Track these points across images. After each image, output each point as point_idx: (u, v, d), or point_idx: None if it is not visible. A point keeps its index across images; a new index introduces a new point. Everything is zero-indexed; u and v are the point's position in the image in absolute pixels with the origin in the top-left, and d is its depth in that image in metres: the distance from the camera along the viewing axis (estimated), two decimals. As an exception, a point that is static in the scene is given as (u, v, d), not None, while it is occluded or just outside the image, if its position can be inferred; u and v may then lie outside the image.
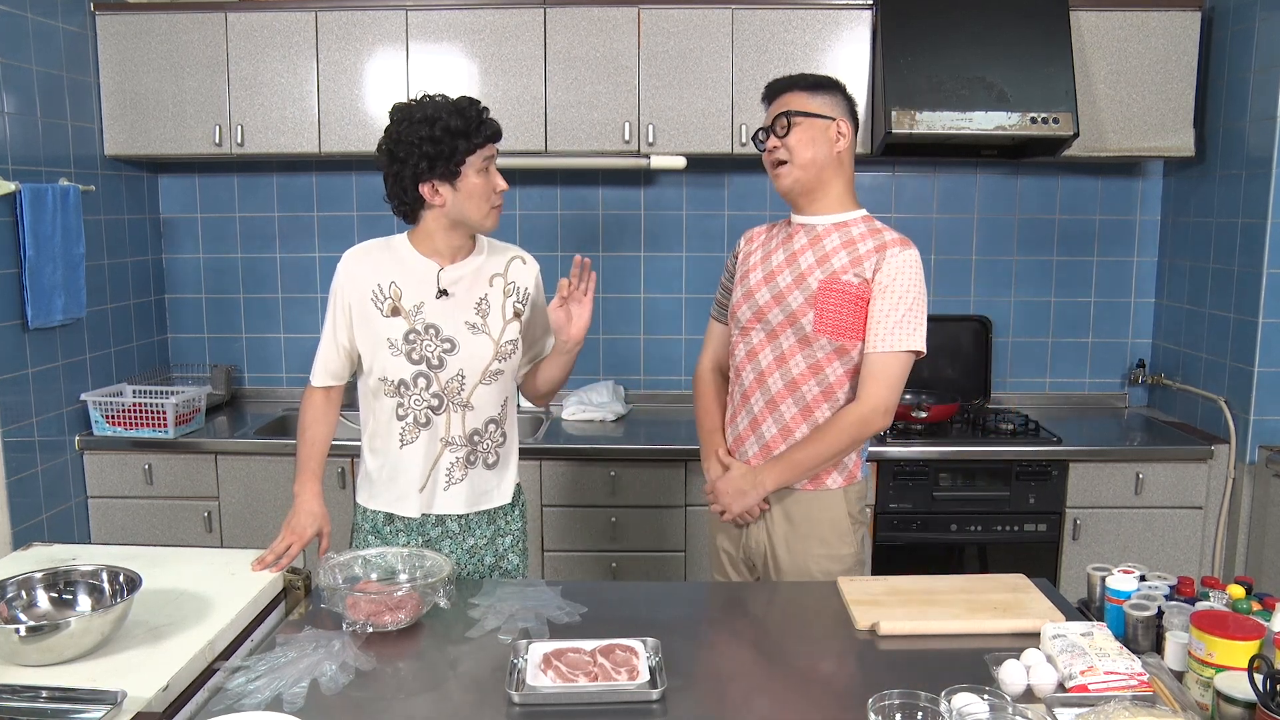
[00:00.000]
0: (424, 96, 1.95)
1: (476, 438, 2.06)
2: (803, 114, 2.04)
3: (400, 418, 2.03)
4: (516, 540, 2.18)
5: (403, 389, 2.01)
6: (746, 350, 2.13)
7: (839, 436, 2.03)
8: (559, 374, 2.12)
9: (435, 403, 2.02)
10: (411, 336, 1.99)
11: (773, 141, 2.07)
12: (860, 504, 2.17)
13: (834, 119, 2.04)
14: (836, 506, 2.12)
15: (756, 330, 2.11)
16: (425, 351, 2.00)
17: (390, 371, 2.00)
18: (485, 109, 1.95)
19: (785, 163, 2.06)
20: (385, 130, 1.95)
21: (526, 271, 2.11)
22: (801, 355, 2.05)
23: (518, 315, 2.08)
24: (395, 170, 1.93)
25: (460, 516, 2.08)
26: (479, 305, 2.03)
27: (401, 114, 1.93)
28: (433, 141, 1.88)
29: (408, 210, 1.99)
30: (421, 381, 2.00)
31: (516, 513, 2.18)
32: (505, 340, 2.05)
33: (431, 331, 1.99)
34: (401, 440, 2.04)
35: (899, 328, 2.00)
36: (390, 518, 2.08)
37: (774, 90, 2.11)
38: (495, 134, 1.97)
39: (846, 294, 2.02)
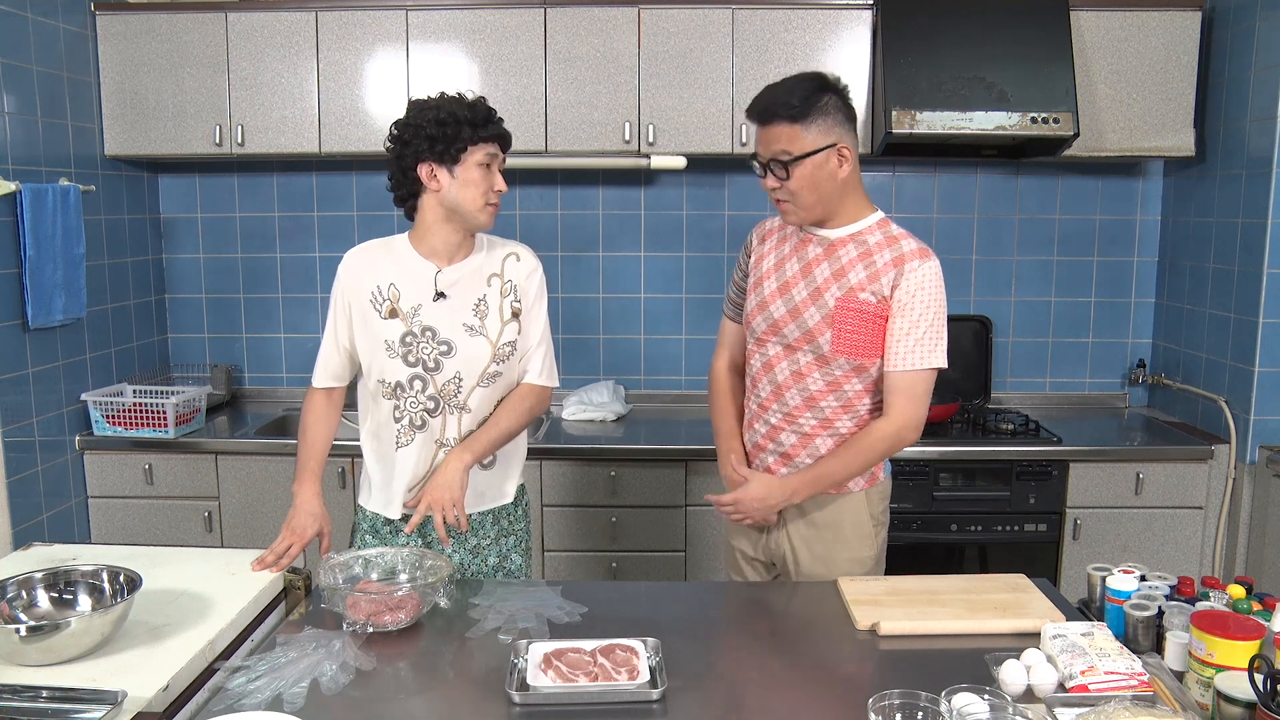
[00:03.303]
0: (441, 94, 1.98)
1: None
2: (801, 157, 1.89)
3: (397, 420, 2.03)
4: (520, 540, 2.18)
5: (399, 391, 2.01)
6: (762, 362, 2.09)
7: (870, 453, 2.00)
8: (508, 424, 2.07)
9: (431, 405, 2.01)
10: (408, 339, 1.99)
11: (772, 181, 1.94)
12: (883, 505, 2.15)
13: (834, 145, 1.90)
14: (859, 509, 2.10)
15: (772, 343, 2.06)
16: (421, 354, 1.99)
17: (387, 374, 2.00)
18: (500, 117, 1.98)
19: (789, 201, 1.96)
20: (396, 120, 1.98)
21: (521, 268, 2.08)
22: (819, 373, 2.01)
23: (516, 315, 2.06)
24: (398, 151, 1.95)
25: None
26: (477, 307, 2.02)
27: (415, 104, 1.97)
28: (439, 124, 1.90)
29: (407, 196, 1.99)
30: (417, 384, 2.00)
31: (520, 512, 2.18)
32: (503, 342, 2.03)
33: (428, 334, 1.99)
34: (397, 443, 2.03)
35: (920, 345, 1.94)
36: (390, 518, 2.08)
37: (760, 115, 1.93)
38: (503, 136, 1.98)
39: (865, 313, 1.95)
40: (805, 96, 1.89)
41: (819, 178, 1.92)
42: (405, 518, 2.04)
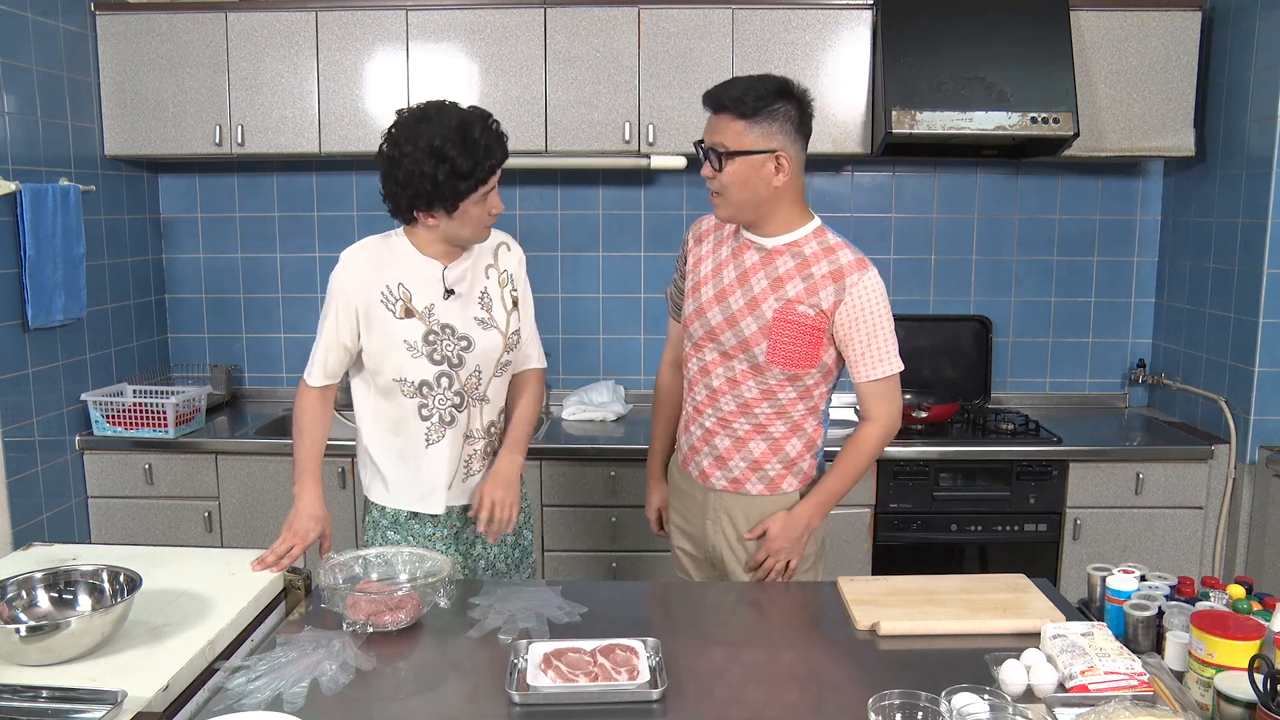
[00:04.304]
0: (427, 104, 1.93)
1: (493, 429, 2.11)
2: (737, 153, 1.91)
3: (425, 418, 2.03)
4: (527, 517, 2.25)
5: (425, 390, 2.02)
6: (699, 366, 2.11)
7: (867, 458, 2.09)
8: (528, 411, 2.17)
9: (457, 400, 2.04)
10: (431, 338, 2.00)
11: (707, 170, 1.96)
12: None
13: (773, 151, 1.91)
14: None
15: (709, 349, 2.08)
16: (446, 351, 2.01)
17: (409, 373, 2.00)
18: (493, 130, 1.92)
19: (720, 194, 1.97)
20: (387, 136, 1.93)
21: (513, 257, 2.13)
22: (754, 381, 2.03)
23: (515, 303, 2.11)
24: (393, 190, 1.94)
25: None
26: (482, 300, 2.06)
27: (406, 132, 1.90)
28: (434, 182, 1.88)
29: (402, 221, 2.04)
30: (444, 381, 2.02)
31: (523, 489, 2.22)
32: (511, 331, 2.09)
33: (448, 331, 2.01)
34: (428, 440, 2.05)
35: (884, 353, 2.00)
36: (415, 512, 2.09)
37: (712, 103, 1.95)
38: (499, 161, 1.93)
39: (802, 326, 1.97)
40: (759, 96, 1.90)
41: (751, 179, 1.93)
42: (450, 511, 2.09)
